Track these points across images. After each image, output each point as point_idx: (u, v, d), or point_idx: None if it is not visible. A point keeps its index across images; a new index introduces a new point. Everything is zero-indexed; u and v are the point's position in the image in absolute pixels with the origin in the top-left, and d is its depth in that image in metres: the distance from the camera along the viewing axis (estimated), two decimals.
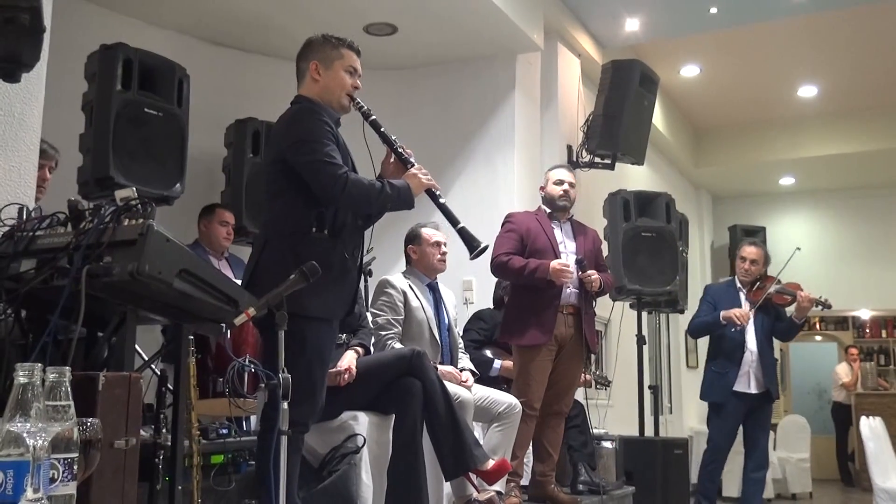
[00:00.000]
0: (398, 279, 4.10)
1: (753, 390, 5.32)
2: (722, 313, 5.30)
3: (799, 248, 5.88)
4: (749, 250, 5.61)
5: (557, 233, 4.45)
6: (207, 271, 2.28)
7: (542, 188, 4.61)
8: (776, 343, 5.41)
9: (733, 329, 5.35)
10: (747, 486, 5.48)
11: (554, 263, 4.20)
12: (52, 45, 2.93)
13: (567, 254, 4.39)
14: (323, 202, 2.78)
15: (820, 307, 5.47)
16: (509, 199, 5.95)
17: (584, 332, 4.33)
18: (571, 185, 4.51)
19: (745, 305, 5.43)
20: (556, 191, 4.49)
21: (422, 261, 4.18)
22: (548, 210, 4.52)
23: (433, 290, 4.21)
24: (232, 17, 5.50)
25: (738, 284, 5.57)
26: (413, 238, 4.22)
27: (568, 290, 4.32)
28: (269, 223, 2.90)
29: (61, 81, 3.58)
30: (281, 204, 2.84)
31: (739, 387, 5.31)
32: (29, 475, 1.35)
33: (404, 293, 4.04)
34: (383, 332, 3.94)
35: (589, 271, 4.33)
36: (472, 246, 3.04)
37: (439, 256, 4.18)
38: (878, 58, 8.20)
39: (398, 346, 3.88)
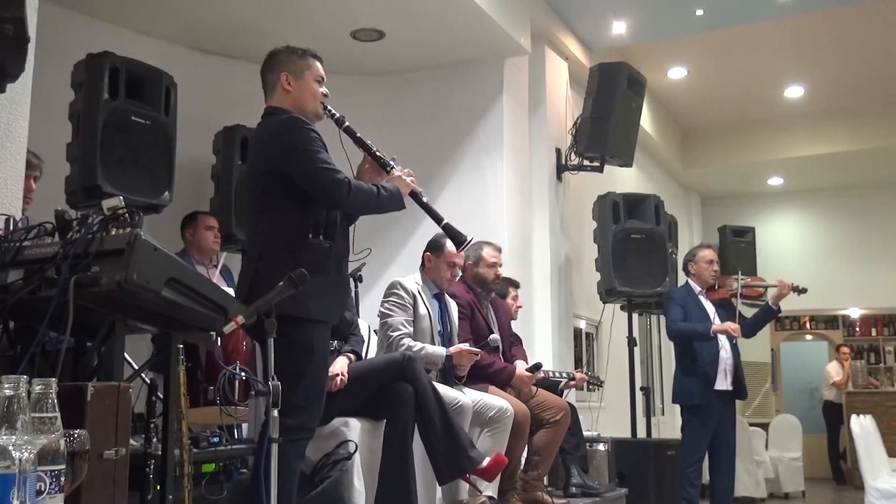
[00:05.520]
0: (410, 283, 4.10)
1: (729, 387, 5.35)
2: (714, 328, 5.29)
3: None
4: (710, 253, 5.63)
5: (488, 314, 4.51)
6: (196, 280, 2.27)
7: (470, 265, 4.49)
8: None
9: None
10: (722, 493, 5.40)
11: (522, 375, 4.33)
12: (38, 54, 2.91)
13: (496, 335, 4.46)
14: (326, 208, 2.81)
15: (796, 293, 5.51)
16: (498, 203, 5.96)
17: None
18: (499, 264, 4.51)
19: (709, 307, 5.44)
20: (489, 273, 4.47)
21: (434, 271, 4.17)
22: (477, 289, 4.49)
23: (438, 300, 4.21)
24: (219, 25, 5.49)
25: (697, 288, 5.53)
26: (435, 247, 4.17)
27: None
28: (262, 233, 2.86)
29: (48, 91, 3.56)
30: (273, 214, 2.82)
31: (718, 385, 5.32)
32: (15, 488, 1.34)
33: (414, 297, 4.05)
34: (394, 333, 3.92)
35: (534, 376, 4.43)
36: (459, 241, 3.14)
37: (450, 276, 4.18)
38: (864, 58, 8.24)
39: (410, 342, 3.88)
